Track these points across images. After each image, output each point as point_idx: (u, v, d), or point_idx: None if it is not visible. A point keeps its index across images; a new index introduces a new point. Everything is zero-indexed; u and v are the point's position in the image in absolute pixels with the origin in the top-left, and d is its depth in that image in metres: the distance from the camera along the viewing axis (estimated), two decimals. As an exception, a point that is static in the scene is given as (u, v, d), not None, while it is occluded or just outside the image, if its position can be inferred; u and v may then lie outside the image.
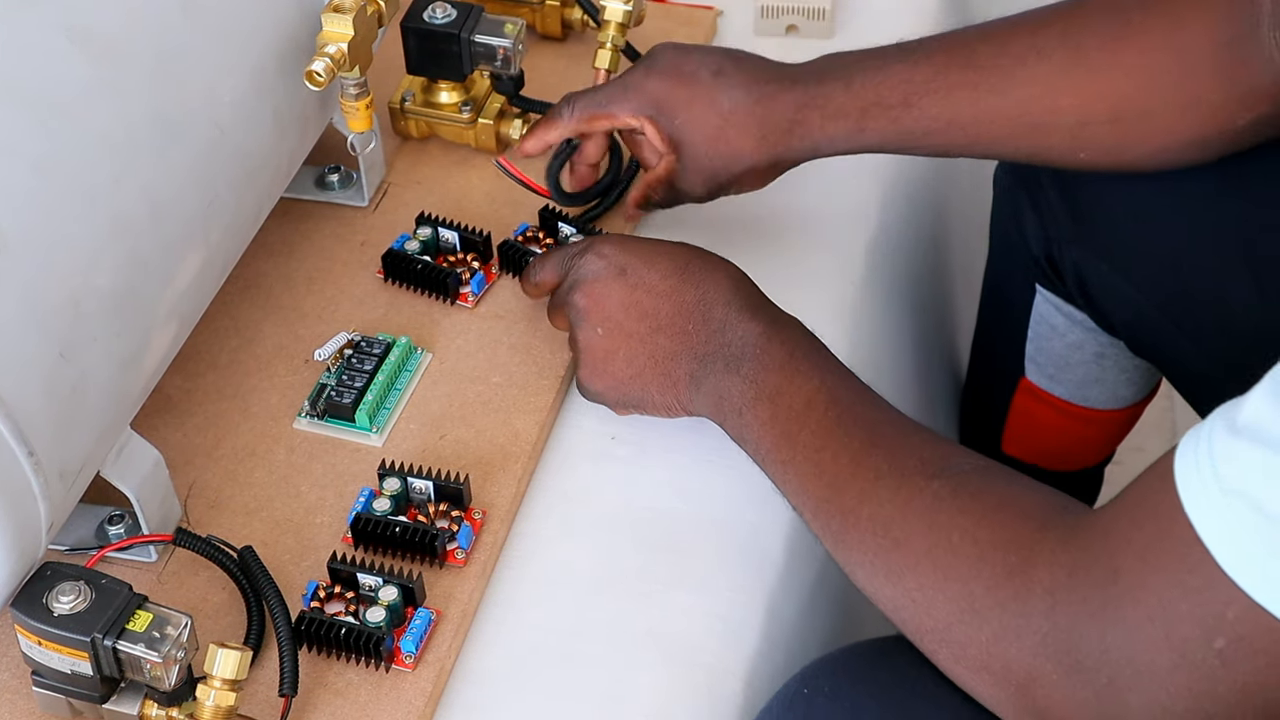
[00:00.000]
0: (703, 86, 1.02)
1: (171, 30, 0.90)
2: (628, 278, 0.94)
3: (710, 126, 1.02)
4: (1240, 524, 0.66)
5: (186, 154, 0.90)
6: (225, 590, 0.92)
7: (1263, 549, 0.65)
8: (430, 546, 0.92)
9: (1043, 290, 1.17)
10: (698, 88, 1.02)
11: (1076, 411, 1.24)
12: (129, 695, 0.84)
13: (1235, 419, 0.67)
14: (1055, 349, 1.20)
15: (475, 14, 1.11)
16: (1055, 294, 1.17)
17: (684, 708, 0.89)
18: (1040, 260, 1.15)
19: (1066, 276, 1.14)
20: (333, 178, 1.14)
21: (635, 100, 1.03)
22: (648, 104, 1.03)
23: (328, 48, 0.99)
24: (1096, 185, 1.07)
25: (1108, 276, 1.10)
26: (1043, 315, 1.19)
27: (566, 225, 1.09)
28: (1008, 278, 1.20)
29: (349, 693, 0.88)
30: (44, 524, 0.81)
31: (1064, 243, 1.12)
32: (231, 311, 1.06)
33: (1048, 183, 1.10)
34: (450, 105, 1.15)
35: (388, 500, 0.93)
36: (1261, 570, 0.65)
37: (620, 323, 0.94)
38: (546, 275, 1.00)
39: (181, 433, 1.00)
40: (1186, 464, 0.69)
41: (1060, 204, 1.10)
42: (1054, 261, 1.14)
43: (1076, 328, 1.18)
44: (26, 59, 0.83)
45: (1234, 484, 0.66)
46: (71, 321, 0.81)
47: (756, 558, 0.96)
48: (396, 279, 1.08)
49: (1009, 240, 1.18)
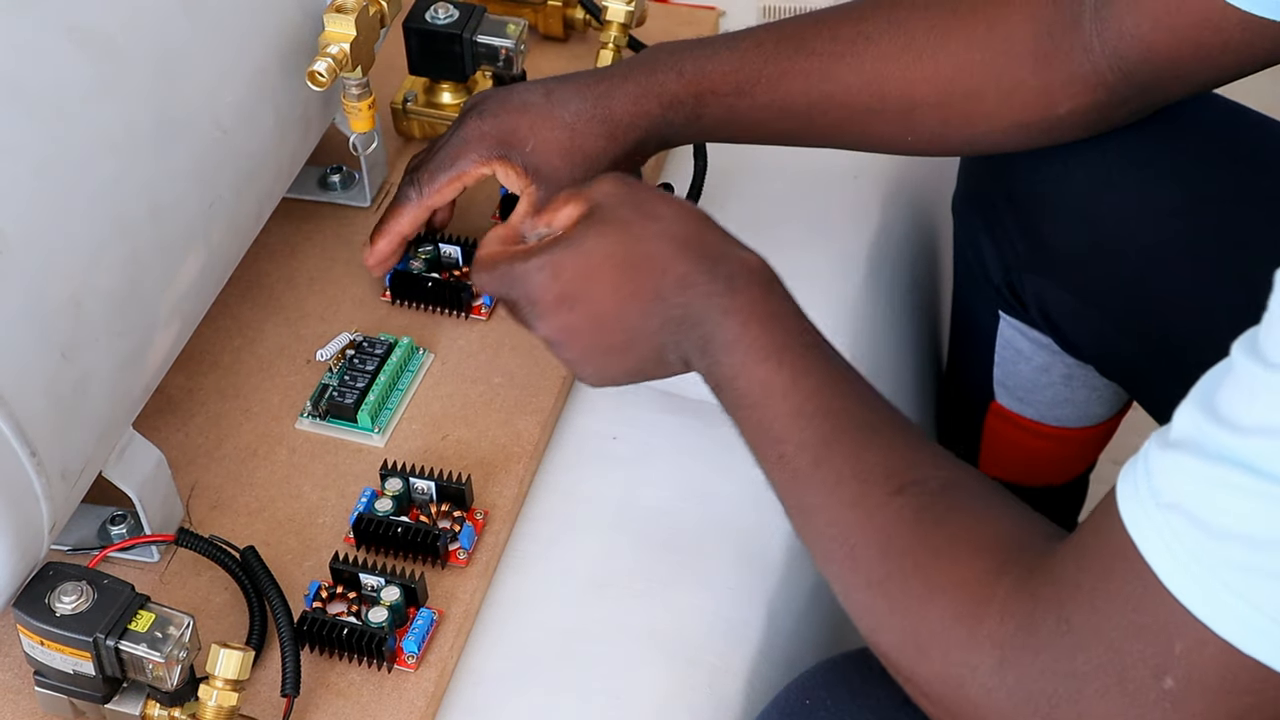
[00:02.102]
0: (539, 109, 1.00)
1: (173, 30, 0.90)
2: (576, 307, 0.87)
3: (561, 140, 1.00)
4: (1178, 537, 0.65)
5: (188, 154, 0.90)
6: (227, 590, 0.92)
7: (1200, 560, 0.64)
8: (432, 547, 0.92)
9: (1006, 317, 1.16)
10: (535, 112, 1.00)
11: (1049, 431, 1.23)
12: (131, 695, 0.84)
13: (1167, 435, 0.67)
14: (1023, 373, 1.19)
15: (477, 14, 1.11)
16: (1019, 319, 1.16)
17: (685, 707, 0.89)
18: (1002, 289, 1.14)
19: (1029, 304, 1.13)
20: (335, 178, 1.14)
21: (478, 147, 1.00)
22: (493, 146, 1.00)
23: (330, 48, 0.99)
24: (1053, 212, 1.07)
25: (1069, 303, 1.10)
26: (1008, 340, 1.18)
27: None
28: (972, 304, 1.20)
29: (351, 693, 0.88)
30: (46, 524, 0.81)
31: (1023, 271, 1.11)
32: (233, 311, 1.06)
33: (1004, 210, 1.10)
34: (452, 106, 1.15)
35: (390, 501, 0.94)
36: (1199, 583, 0.64)
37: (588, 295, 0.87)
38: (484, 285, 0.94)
39: (183, 433, 1.00)
40: (1126, 487, 0.68)
41: (1017, 232, 1.10)
42: (1015, 289, 1.13)
43: (1043, 351, 1.17)
44: (28, 59, 0.83)
45: (1169, 497, 0.65)
46: (73, 322, 0.81)
47: (758, 557, 0.96)
48: (405, 299, 1.07)
49: (970, 268, 1.17)
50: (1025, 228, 1.09)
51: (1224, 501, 0.64)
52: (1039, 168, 1.06)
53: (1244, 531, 0.63)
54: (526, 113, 1.00)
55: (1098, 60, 0.95)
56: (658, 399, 1.03)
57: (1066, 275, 1.09)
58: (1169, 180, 1.03)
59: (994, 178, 1.10)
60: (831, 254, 1.14)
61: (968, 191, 1.15)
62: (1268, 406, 0.63)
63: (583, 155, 1.00)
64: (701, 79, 1.00)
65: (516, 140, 1.00)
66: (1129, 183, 1.04)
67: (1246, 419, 0.63)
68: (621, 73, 1.01)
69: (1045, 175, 1.06)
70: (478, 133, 1.00)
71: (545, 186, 0.99)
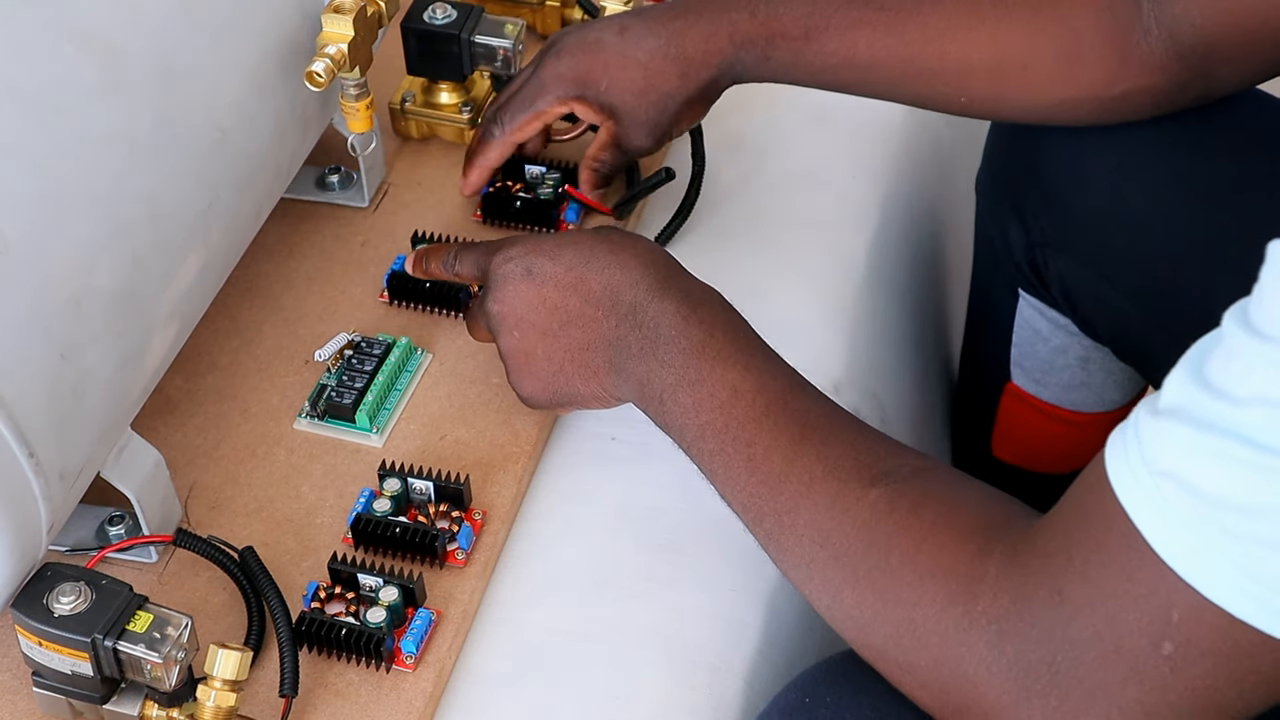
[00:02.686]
0: (614, 48, 1.03)
1: (172, 31, 0.90)
2: (534, 276, 0.92)
3: (635, 80, 1.03)
4: (1171, 505, 0.65)
5: (187, 155, 0.90)
6: (226, 591, 0.92)
7: (1195, 527, 0.64)
8: (430, 547, 0.92)
9: (1026, 296, 1.17)
10: (609, 50, 1.03)
11: (1063, 415, 1.23)
12: (129, 696, 0.84)
13: (1156, 404, 0.68)
14: (1040, 353, 1.20)
15: (475, 15, 1.11)
16: (1039, 299, 1.17)
17: (685, 707, 0.89)
18: (1024, 266, 1.15)
19: (1051, 283, 1.14)
20: (333, 178, 1.14)
21: (556, 88, 1.04)
22: (570, 86, 1.04)
23: (328, 48, 0.99)
24: (1082, 190, 1.07)
25: (1093, 282, 1.10)
26: (1027, 320, 1.19)
27: (534, 166, 1.11)
28: (991, 283, 1.20)
29: (349, 693, 0.88)
30: (44, 525, 0.81)
31: (1049, 249, 1.12)
32: (232, 312, 1.06)
33: (1031, 188, 1.11)
34: (450, 106, 1.15)
35: (388, 501, 0.93)
36: (1195, 552, 0.65)
37: (533, 322, 0.93)
38: (462, 268, 0.99)
39: (182, 433, 1.00)
40: (1116, 456, 0.68)
41: (1045, 210, 1.10)
42: (1038, 268, 1.14)
43: (1061, 332, 1.18)
44: (27, 60, 0.83)
45: (1161, 465, 0.66)
46: (72, 322, 0.81)
47: (757, 557, 0.95)
48: (403, 299, 1.07)
49: (993, 246, 1.18)
50: (1053, 204, 1.10)
51: (1218, 470, 0.64)
52: (1071, 144, 1.06)
53: (1239, 500, 0.63)
54: (600, 51, 1.04)
55: (1155, 44, 0.96)
56: (656, 399, 1.03)
57: (1092, 254, 1.09)
58: (1205, 165, 1.04)
59: (1024, 153, 1.11)
60: (831, 254, 1.14)
61: (995, 167, 1.16)
62: (1263, 379, 0.63)
63: (657, 93, 1.03)
64: (773, 20, 1.02)
65: (590, 80, 1.04)
66: (1164, 164, 1.04)
67: (1240, 389, 0.64)
68: (695, 9, 1.03)
69: (1078, 151, 1.07)
70: (554, 73, 1.04)
71: (622, 122, 1.04)
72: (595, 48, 1.04)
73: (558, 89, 1.04)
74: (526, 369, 0.94)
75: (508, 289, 0.93)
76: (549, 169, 1.11)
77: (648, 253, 0.92)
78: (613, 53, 1.03)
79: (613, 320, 0.90)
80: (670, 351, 0.88)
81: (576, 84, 1.04)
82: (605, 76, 1.03)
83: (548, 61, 1.05)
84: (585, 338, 0.91)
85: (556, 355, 0.93)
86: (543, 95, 1.05)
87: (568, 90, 1.04)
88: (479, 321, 0.98)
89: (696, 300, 0.89)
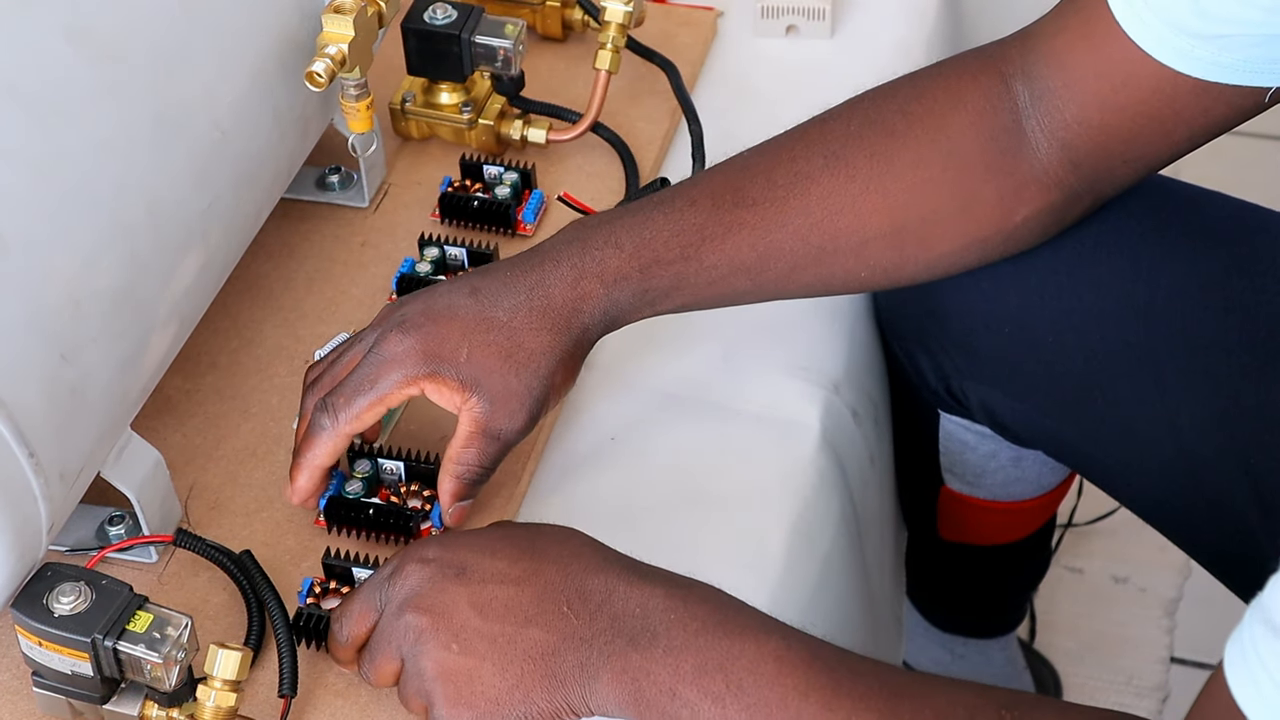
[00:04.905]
0: (468, 311, 0.90)
1: (172, 31, 0.90)
2: (469, 574, 0.81)
3: (499, 343, 0.89)
4: None
5: (186, 155, 0.90)
6: (225, 591, 0.92)
7: None
8: (405, 527, 0.92)
9: (947, 415, 1.14)
10: (464, 315, 0.90)
11: (1003, 507, 1.21)
12: (129, 696, 0.84)
13: (1272, 618, 0.63)
14: (970, 460, 1.17)
15: (475, 15, 1.11)
16: (961, 417, 1.14)
17: (684, 708, 0.89)
18: (940, 393, 1.11)
19: (972, 408, 1.10)
20: (333, 178, 1.14)
21: (403, 366, 0.89)
22: (420, 362, 0.89)
23: (328, 48, 0.99)
24: (989, 331, 1.04)
25: (1015, 407, 1.07)
26: (951, 433, 1.15)
27: (493, 167, 1.08)
28: (912, 404, 1.15)
29: (349, 693, 0.88)
30: (44, 525, 0.81)
31: (962, 378, 1.08)
32: (231, 312, 1.06)
33: (933, 330, 1.07)
34: (451, 106, 1.15)
35: (359, 482, 0.93)
36: None
37: (478, 628, 0.80)
38: (357, 624, 0.84)
39: (182, 433, 1.00)
40: (1239, 677, 0.65)
41: (950, 345, 1.07)
42: (954, 393, 1.10)
43: (988, 440, 1.14)
44: (26, 60, 0.83)
45: None
46: (72, 323, 0.81)
47: (757, 558, 0.96)
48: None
49: (905, 372, 1.13)
50: (957, 342, 1.06)
51: None
52: (968, 287, 1.01)
53: None
54: (454, 318, 0.90)
55: (1046, 158, 0.91)
56: (657, 399, 1.03)
57: (1009, 383, 1.06)
58: (1104, 269, 1.00)
59: (914, 298, 1.06)
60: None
61: (889, 310, 1.11)
62: None
63: (526, 354, 0.89)
64: (642, 249, 0.91)
65: (447, 351, 0.89)
66: (1065, 286, 1.00)
67: None
68: (551, 257, 0.92)
69: (978, 295, 1.03)
70: (399, 349, 0.89)
71: (487, 398, 0.89)
72: (446, 315, 0.89)
73: (405, 367, 0.88)
74: (469, 691, 0.80)
75: (435, 595, 0.81)
76: (507, 169, 1.10)
77: (592, 541, 0.84)
78: (468, 317, 0.89)
79: (584, 615, 0.80)
80: (680, 636, 0.78)
81: (428, 358, 0.88)
82: (464, 344, 0.88)
83: (390, 336, 0.89)
84: (550, 640, 0.79)
85: (513, 666, 0.80)
86: (385, 376, 0.88)
87: (417, 368, 0.88)
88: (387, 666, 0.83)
89: (680, 580, 0.82)
